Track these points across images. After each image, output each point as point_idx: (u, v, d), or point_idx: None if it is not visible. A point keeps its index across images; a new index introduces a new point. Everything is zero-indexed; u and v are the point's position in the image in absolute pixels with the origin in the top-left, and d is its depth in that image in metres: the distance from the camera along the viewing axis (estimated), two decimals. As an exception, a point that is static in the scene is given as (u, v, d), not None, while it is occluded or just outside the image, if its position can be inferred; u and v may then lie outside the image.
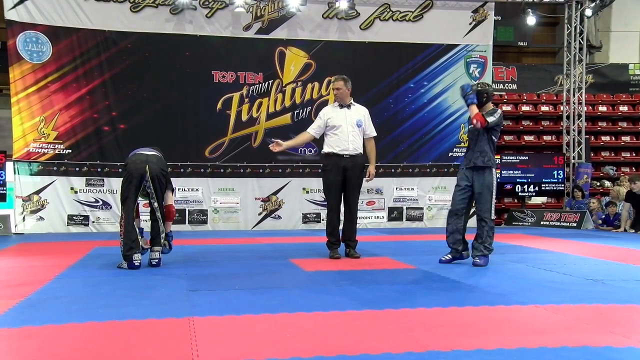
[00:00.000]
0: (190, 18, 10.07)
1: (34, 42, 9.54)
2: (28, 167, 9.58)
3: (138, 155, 5.46)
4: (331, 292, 4.24)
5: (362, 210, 10.82)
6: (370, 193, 10.82)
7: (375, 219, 10.86)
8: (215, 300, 3.93)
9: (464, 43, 11.03)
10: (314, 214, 10.58)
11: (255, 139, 10.34)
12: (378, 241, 8.37)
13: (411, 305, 3.66)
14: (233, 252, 6.71)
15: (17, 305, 3.72)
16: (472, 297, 3.99)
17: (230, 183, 10.17)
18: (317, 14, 10.50)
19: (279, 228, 10.26)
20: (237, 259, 6.15)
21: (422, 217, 11.01)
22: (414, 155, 10.99)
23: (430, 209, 11.06)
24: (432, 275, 4.99)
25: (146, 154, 5.45)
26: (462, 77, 11.06)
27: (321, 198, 10.62)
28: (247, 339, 2.90)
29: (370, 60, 10.68)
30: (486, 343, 2.79)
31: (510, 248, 7.23)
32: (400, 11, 10.78)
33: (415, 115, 11.00)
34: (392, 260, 5.99)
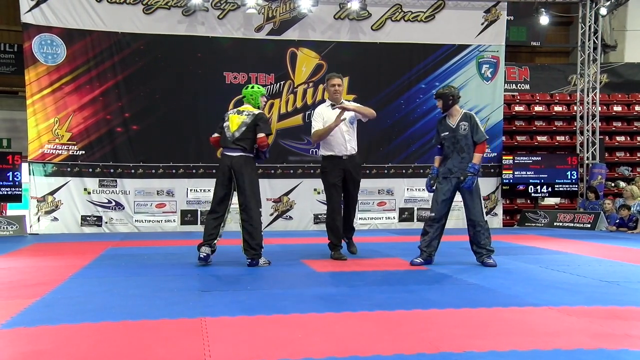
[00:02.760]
0: (202, 19, 10.12)
1: (49, 45, 9.63)
2: (43, 168, 9.68)
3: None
4: (343, 292, 4.24)
5: (372, 211, 10.86)
6: (381, 194, 10.80)
7: (386, 220, 10.83)
8: (227, 300, 3.94)
9: (475, 43, 10.98)
10: (325, 215, 10.55)
11: (266, 140, 10.33)
12: (389, 242, 8.35)
13: (423, 307, 3.65)
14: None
15: (32, 304, 3.76)
16: (485, 298, 3.97)
17: (242, 184, 10.20)
18: (329, 15, 10.51)
19: (290, 229, 10.26)
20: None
21: (433, 217, 10.95)
22: (425, 156, 10.93)
23: (442, 209, 10.99)
24: (444, 277, 4.97)
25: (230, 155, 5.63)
26: (474, 78, 11.02)
27: (333, 199, 10.62)
28: (259, 339, 2.91)
29: (382, 61, 10.67)
30: (499, 344, 2.78)
31: (523, 249, 7.18)
32: (412, 11, 10.76)
33: (427, 116, 10.96)
34: (403, 261, 5.97)
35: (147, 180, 9.90)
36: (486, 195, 11.15)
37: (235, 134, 5.59)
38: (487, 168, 11.17)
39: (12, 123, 11.86)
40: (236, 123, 5.63)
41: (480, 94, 11.07)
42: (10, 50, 12.05)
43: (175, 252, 6.75)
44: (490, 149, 11.19)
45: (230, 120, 5.69)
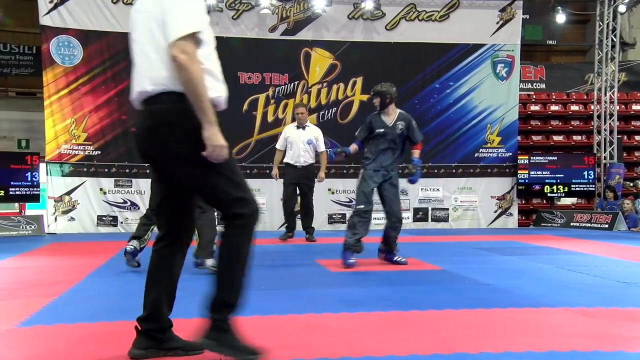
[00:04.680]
0: (217, 20, 10.16)
1: (66, 46, 9.74)
2: (60, 168, 9.79)
3: None
4: (357, 292, 4.24)
5: (387, 211, 10.82)
6: (395, 194, 10.76)
7: (401, 220, 10.78)
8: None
9: (490, 43, 10.91)
10: (339, 215, 10.58)
11: (281, 140, 10.37)
12: (403, 242, 8.28)
13: (438, 307, 3.63)
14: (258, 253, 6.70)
15: (51, 303, 3.81)
16: (500, 299, 3.94)
17: (256, 184, 10.20)
18: (343, 15, 10.51)
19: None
20: (263, 259, 6.17)
21: (447, 217, 10.92)
22: (439, 155, 10.91)
23: (456, 209, 10.96)
24: (459, 277, 4.95)
25: None
26: (488, 77, 10.96)
27: (346, 199, 10.63)
28: (273, 339, 2.91)
29: (396, 60, 10.63)
30: (515, 345, 2.76)
31: (539, 249, 7.12)
32: (426, 11, 10.72)
33: (441, 116, 10.92)
34: (418, 261, 5.95)
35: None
36: (501, 195, 11.08)
37: None
38: (502, 168, 11.10)
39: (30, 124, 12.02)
40: None
41: (495, 94, 11.00)
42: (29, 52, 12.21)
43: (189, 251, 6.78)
44: (505, 148, 11.11)
45: None
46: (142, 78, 2.42)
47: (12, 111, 12.28)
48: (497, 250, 6.94)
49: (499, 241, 8.26)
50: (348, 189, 10.57)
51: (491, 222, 11.03)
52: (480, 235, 9.34)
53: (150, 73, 2.38)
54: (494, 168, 11.10)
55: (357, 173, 10.43)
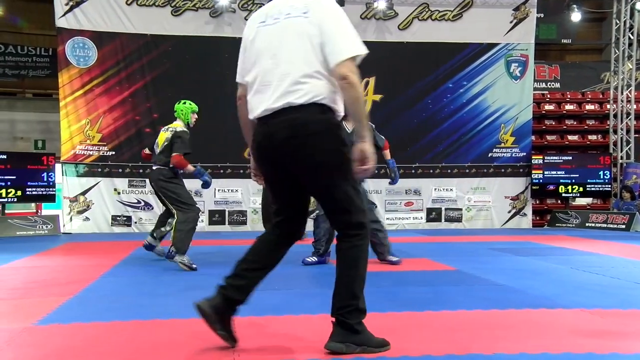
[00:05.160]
0: (230, 20, 10.21)
1: (81, 48, 9.84)
2: (75, 168, 9.89)
3: None
4: (370, 293, 4.18)
5: (400, 211, 10.81)
6: (408, 194, 10.75)
7: (414, 220, 10.78)
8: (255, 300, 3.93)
9: (504, 42, 10.85)
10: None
11: (293, 140, 10.39)
12: (416, 242, 8.30)
13: (451, 307, 3.61)
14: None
15: (66, 302, 3.85)
16: (514, 300, 3.91)
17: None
18: (355, 15, 10.49)
19: (317, 229, 10.25)
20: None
21: (461, 218, 10.87)
22: (453, 155, 10.86)
23: (470, 209, 10.91)
24: (472, 277, 4.92)
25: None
26: (502, 77, 10.90)
27: (359, 199, 10.60)
28: (286, 339, 2.92)
29: (409, 60, 10.61)
30: (530, 347, 2.73)
31: (553, 250, 7.06)
32: (439, 10, 10.68)
33: (454, 116, 10.88)
34: (431, 262, 5.93)
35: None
36: (515, 196, 11.01)
37: (158, 150, 5.87)
38: (516, 168, 11.03)
39: (46, 125, 12.15)
40: (162, 140, 5.85)
41: (508, 93, 10.94)
42: (45, 54, 12.35)
43: (203, 251, 6.82)
44: (519, 148, 11.04)
45: (159, 136, 5.93)
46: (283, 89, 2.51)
47: (29, 112, 12.43)
48: (511, 251, 6.89)
49: (513, 241, 8.20)
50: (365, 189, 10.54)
51: (505, 222, 10.96)
52: (493, 235, 9.28)
53: (297, 86, 2.50)
54: (508, 168, 11.03)
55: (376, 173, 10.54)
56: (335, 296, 2.62)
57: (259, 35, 2.63)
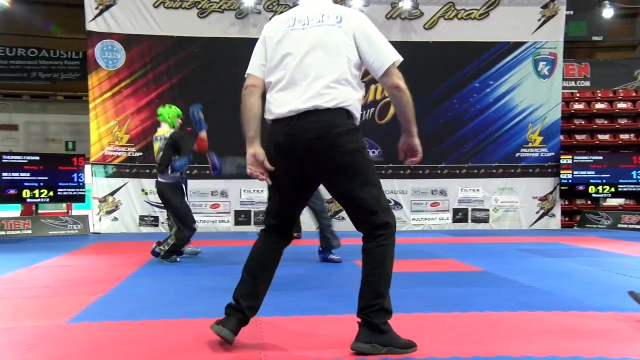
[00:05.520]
0: (255, 22, 10.27)
1: (110, 50, 10.01)
2: (103, 169, 10.05)
3: None
4: (397, 294, 4.16)
5: (426, 212, 10.74)
6: (434, 194, 10.68)
7: (440, 221, 10.69)
8: (281, 300, 3.98)
9: (532, 40, 10.69)
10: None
11: (318, 141, 10.40)
12: (442, 243, 8.24)
13: (479, 309, 3.58)
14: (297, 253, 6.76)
15: (96, 301, 3.92)
16: (543, 302, 3.85)
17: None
18: (380, 15, 10.46)
19: (343, 229, 10.16)
20: (302, 259, 6.20)
21: (487, 218, 10.75)
22: (479, 155, 10.75)
23: (497, 210, 10.78)
24: (500, 278, 4.86)
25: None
26: (529, 76, 10.75)
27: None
28: (313, 339, 2.93)
29: (434, 60, 10.53)
30: (560, 350, 2.69)
31: (584, 251, 6.93)
32: (465, 9, 10.58)
33: (481, 115, 10.76)
34: (457, 263, 5.88)
35: (202, 181, 10.12)
36: (543, 196, 10.85)
37: (157, 161, 5.91)
38: (544, 168, 10.86)
39: (76, 127, 12.38)
40: (156, 150, 5.92)
41: (536, 93, 10.78)
42: (76, 57, 12.59)
43: (230, 251, 6.88)
44: (547, 148, 10.87)
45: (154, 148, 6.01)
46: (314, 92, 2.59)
47: (60, 114, 12.69)
48: (540, 252, 6.79)
49: (541, 242, 8.08)
50: (386, 189, 10.47)
51: (533, 223, 10.80)
52: (521, 236, 9.16)
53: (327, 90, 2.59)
54: (536, 168, 10.87)
55: (395, 173, 10.53)
56: (361, 295, 2.64)
57: (287, 38, 2.69)
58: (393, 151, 9.70)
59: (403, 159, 2.77)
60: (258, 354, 2.66)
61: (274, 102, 2.69)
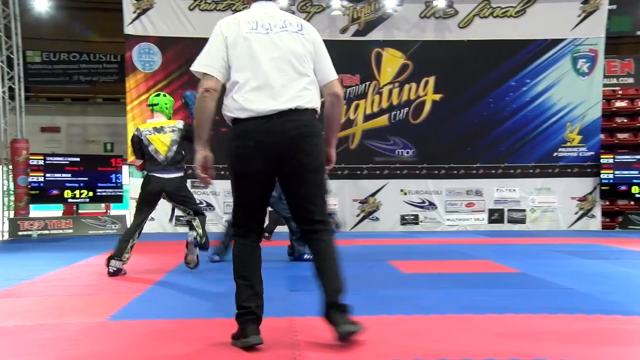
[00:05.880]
0: (288, 23, 10.31)
1: (146, 53, 10.22)
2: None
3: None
4: (431, 295, 4.17)
5: (460, 212, 10.61)
6: (469, 194, 10.54)
7: (475, 221, 10.56)
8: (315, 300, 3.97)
9: (571, 37, 10.46)
10: (412, 216, 10.47)
11: (352, 141, 10.39)
12: (478, 244, 8.12)
13: (515, 311, 3.50)
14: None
15: (135, 299, 4.00)
16: (584, 305, 3.75)
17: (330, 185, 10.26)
18: (414, 14, 10.39)
19: (376, 230, 10.24)
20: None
21: (524, 219, 10.56)
22: (515, 155, 10.57)
23: (534, 210, 10.58)
24: (538, 280, 4.76)
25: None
26: (568, 73, 10.53)
27: (419, 199, 10.50)
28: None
29: (469, 59, 10.40)
30: (602, 355, 2.61)
31: (626, 253, 6.74)
32: (501, 7, 10.42)
33: (517, 114, 10.59)
34: (493, 264, 5.78)
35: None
36: (583, 196, 10.60)
37: (168, 155, 5.23)
38: (584, 168, 10.61)
39: (114, 128, 12.67)
40: (164, 144, 5.23)
41: (575, 91, 10.54)
42: (115, 61, 12.89)
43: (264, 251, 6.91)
44: (587, 147, 10.61)
45: (154, 142, 5.23)
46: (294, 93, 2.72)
47: (99, 116, 13.01)
48: (579, 254, 6.63)
49: (580, 244, 7.89)
50: (420, 189, 10.46)
51: (572, 224, 10.56)
52: (560, 237, 8.97)
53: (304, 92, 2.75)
54: (574, 168, 10.62)
55: (429, 174, 10.44)
56: (329, 283, 2.78)
57: (253, 41, 2.74)
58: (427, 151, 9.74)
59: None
60: (292, 354, 2.67)
61: (249, 101, 2.71)
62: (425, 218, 10.51)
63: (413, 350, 2.72)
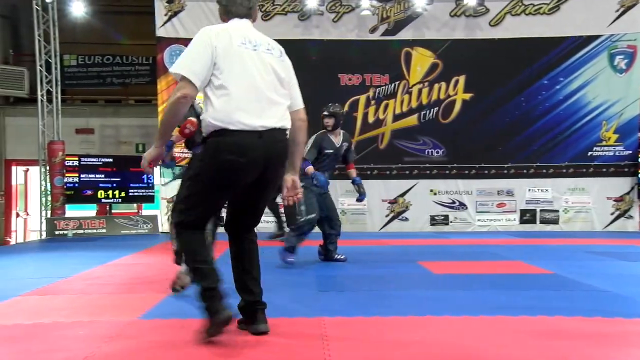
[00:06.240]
0: (317, 23, 10.34)
1: (177, 55, 10.31)
2: (171, 170, 10.38)
3: None
4: (461, 295, 4.13)
5: (491, 213, 10.46)
6: (500, 195, 10.40)
7: (506, 222, 10.40)
8: (345, 301, 3.99)
9: (607, 33, 10.21)
10: (441, 216, 10.37)
11: (381, 141, 10.35)
12: (509, 244, 8.00)
13: (549, 313, 3.44)
14: (360, 254, 6.76)
15: (166, 298, 4.06)
16: (621, 308, 3.66)
17: (358, 185, 10.23)
18: (444, 13, 10.29)
19: (406, 230, 10.17)
20: (365, 260, 6.19)
21: (557, 219, 10.35)
22: (548, 155, 10.38)
23: (567, 211, 10.37)
24: (572, 282, 4.67)
25: None
26: (604, 70, 10.28)
27: (449, 200, 10.39)
28: (376, 340, 2.92)
29: (500, 57, 10.25)
30: None
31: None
32: (533, 4, 10.24)
33: (550, 113, 10.40)
34: (525, 265, 5.69)
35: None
36: (619, 196, 10.34)
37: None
38: (620, 167, 10.35)
39: (145, 129, 12.86)
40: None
41: (611, 88, 10.29)
42: (146, 63, 13.08)
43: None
44: (624, 146, 10.35)
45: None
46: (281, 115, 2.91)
47: (131, 118, 13.21)
48: (616, 255, 6.47)
49: (617, 245, 7.70)
50: (450, 189, 10.35)
51: (607, 224, 10.31)
52: (594, 238, 8.77)
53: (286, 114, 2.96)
54: (610, 167, 10.37)
55: (459, 173, 10.32)
56: (253, 284, 3.04)
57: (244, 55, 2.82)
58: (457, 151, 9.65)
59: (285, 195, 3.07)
60: (322, 354, 2.67)
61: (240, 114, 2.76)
62: (455, 218, 10.40)
63: (441, 351, 2.69)
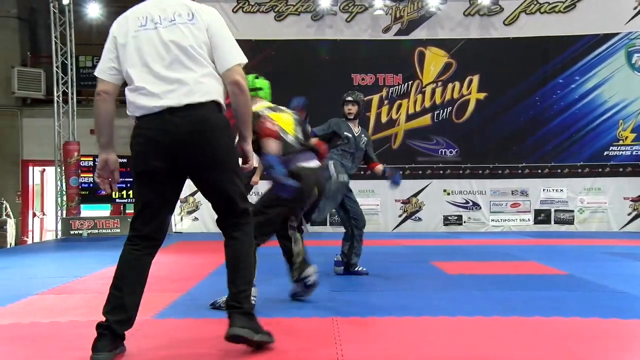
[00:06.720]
0: (330, 23, 10.34)
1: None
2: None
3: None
4: (475, 296, 4.10)
5: (505, 213, 10.39)
6: (514, 195, 10.32)
7: (521, 222, 10.33)
8: (358, 301, 3.99)
9: (625, 31, 10.10)
10: (455, 216, 10.33)
11: (394, 141, 10.33)
12: (523, 245, 7.94)
13: (564, 314, 3.41)
14: (373, 254, 6.73)
15: (180, 298, 4.09)
16: (639, 309, 3.61)
17: (371, 185, 10.21)
18: (458, 12, 10.25)
19: (419, 230, 10.14)
20: (378, 260, 6.17)
21: (572, 220, 10.26)
22: (563, 154, 10.29)
23: (582, 211, 10.27)
24: (588, 283, 4.62)
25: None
26: (622, 69, 10.16)
27: (462, 200, 10.34)
28: (389, 340, 2.90)
29: (514, 56, 10.19)
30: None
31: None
32: (548, 3, 10.16)
33: (565, 112, 10.31)
34: (540, 265, 5.64)
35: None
36: (637, 197, 10.23)
37: (293, 137, 3.92)
38: (638, 167, 10.23)
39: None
40: (291, 125, 4.04)
41: (629, 87, 10.18)
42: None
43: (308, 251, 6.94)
44: (642, 145, 10.24)
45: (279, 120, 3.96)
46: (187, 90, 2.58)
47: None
48: (633, 256, 6.39)
49: (634, 246, 7.60)
50: (464, 189, 10.30)
51: (624, 225, 10.19)
52: (611, 239, 8.67)
53: (198, 86, 2.60)
54: (627, 167, 10.25)
55: (473, 173, 10.27)
56: (233, 283, 2.66)
57: (141, 39, 2.63)
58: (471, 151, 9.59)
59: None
60: (335, 353, 2.66)
61: (141, 98, 2.63)
62: (469, 218, 10.34)
63: (455, 352, 2.68)
